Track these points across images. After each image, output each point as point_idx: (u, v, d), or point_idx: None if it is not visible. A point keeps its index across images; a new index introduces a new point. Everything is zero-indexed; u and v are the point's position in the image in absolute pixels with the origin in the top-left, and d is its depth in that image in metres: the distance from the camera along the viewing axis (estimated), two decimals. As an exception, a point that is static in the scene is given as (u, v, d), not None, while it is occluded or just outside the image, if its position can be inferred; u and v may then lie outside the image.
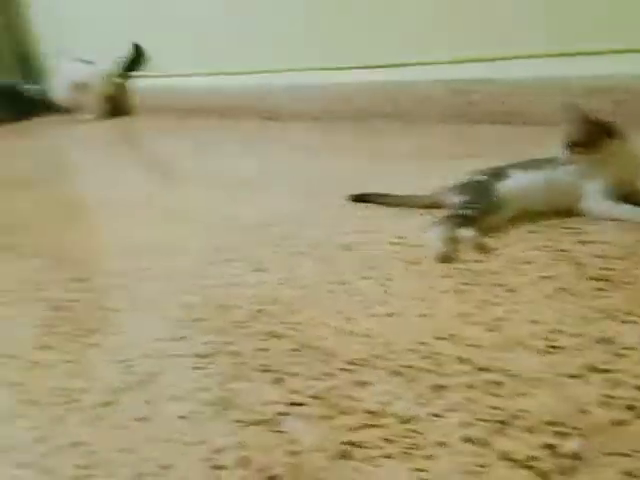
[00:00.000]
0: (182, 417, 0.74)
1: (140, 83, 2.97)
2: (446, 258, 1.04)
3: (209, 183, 1.69)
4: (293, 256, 1.15)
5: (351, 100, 2.23)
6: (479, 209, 1.11)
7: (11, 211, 1.67)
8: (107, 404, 0.78)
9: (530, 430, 0.63)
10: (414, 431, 0.65)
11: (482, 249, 1.05)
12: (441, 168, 1.53)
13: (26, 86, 3.42)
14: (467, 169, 1.25)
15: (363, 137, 1.96)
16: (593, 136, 1.10)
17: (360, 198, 1.36)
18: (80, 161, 2.36)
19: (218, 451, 0.67)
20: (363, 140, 1.92)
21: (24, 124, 3.26)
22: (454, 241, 1.08)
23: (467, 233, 1.08)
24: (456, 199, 1.17)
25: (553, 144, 1.13)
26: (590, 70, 1.70)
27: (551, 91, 1.76)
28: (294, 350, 0.84)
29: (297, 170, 1.68)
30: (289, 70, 2.38)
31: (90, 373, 0.86)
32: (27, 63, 3.41)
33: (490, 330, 0.82)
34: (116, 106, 3.05)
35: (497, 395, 0.69)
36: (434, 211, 1.24)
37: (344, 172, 1.60)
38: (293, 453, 0.65)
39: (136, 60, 2.95)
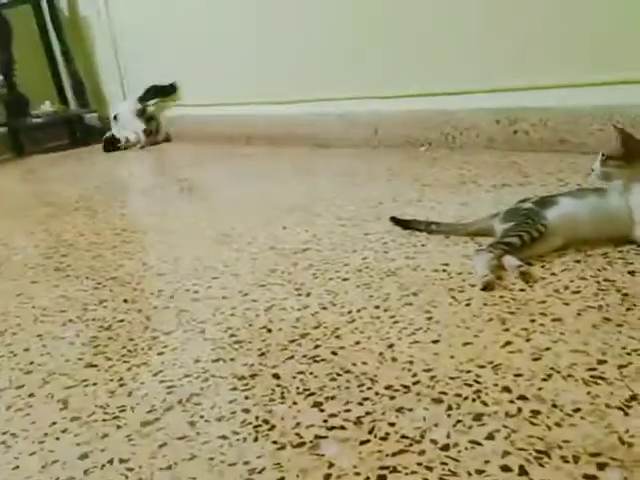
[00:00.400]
0: (222, 437, 0.75)
1: (188, 112, 3.06)
2: (490, 285, 1.03)
3: (256, 208, 1.71)
4: (336, 281, 1.15)
5: (397, 128, 2.24)
6: (525, 237, 1.10)
7: (63, 233, 1.73)
8: (150, 422, 0.80)
9: (570, 460, 0.61)
10: (452, 458, 0.64)
11: (528, 278, 1.04)
12: (486, 196, 1.52)
13: (85, 114, 3.57)
14: (512, 197, 1.24)
15: (409, 164, 1.97)
16: (631, 151, 1.09)
17: (404, 224, 1.36)
18: (131, 186, 2.44)
19: (256, 472, 0.68)
20: (409, 167, 1.93)
21: (82, 150, 3.39)
22: (499, 269, 1.07)
23: (513, 261, 1.07)
24: (502, 226, 1.16)
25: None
26: (637, 99, 1.67)
27: (598, 119, 1.73)
28: (335, 374, 0.84)
29: (343, 196, 1.69)
30: (338, 99, 2.42)
31: (134, 392, 0.88)
32: (85, 93, 3.56)
33: (534, 359, 0.80)
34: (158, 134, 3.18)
35: (537, 424, 0.67)
36: (479, 238, 1.23)
37: (389, 198, 1.61)
38: (330, 476, 0.65)
39: (169, 93, 3.11)
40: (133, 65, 3.38)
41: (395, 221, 1.38)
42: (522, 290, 1.00)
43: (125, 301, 1.22)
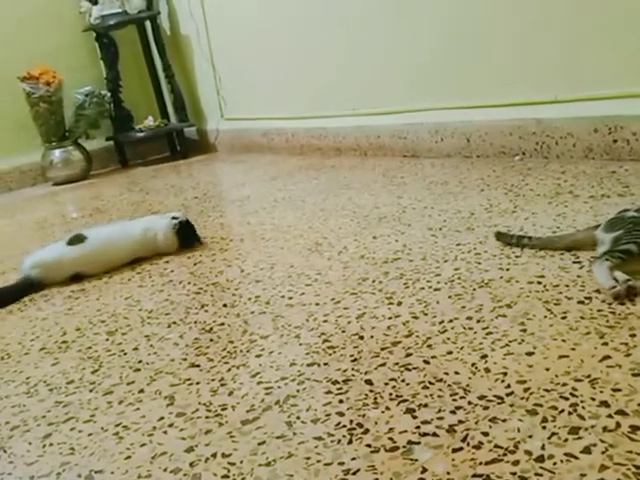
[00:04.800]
0: (318, 438, 0.78)
1: (278, 125, 3.15)
2: (621, 296, 0.99)
3: (347, 218, 1.75)
4: (428, 291, 1.16)
5: (490, 137, 2.21)
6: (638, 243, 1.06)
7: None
8: (250, 421, 0.84)
9: (675, 480, 0.60)
10: (547, 470, 0.64)
11: (635, 292, 1.00)
12: (583, 207, 1.48)
13: (184, 128, 3.75)
14: (611, 208, 1.21)
15: (502, 174, 1.94)
16: None
17: (504, 239, 1.33)
18: (228, 196, 2.53)
19: (351, 473, 0.70)
20: (502, 177, 1.90)
21: (181, 162, 3.57)
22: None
23: (620, 276, 1.02)
24: (609, 235, 1.12)
25: None
26: None
27: None
28: (427, 382, 0.86)
29: (434, 206, 1.70)
30: (429, 109, 2.42)
31: (235, 392, 0.93)
32: (185, 108, 3.74)
33: (634, 375, 0.78)
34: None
35: (637, 440, 0.66)
36: (576, 251, 1.21)
37: (482, 209, 1.59)
38: (423, 481, 0.66)
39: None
40: (229, 82, 3.52)
41: (497, 235, 1.35)
42: (621, 304, 0.98)
43: (225, 306, 1.28)
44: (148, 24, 3.69)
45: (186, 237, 1.71)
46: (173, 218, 1.69)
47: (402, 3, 2.39)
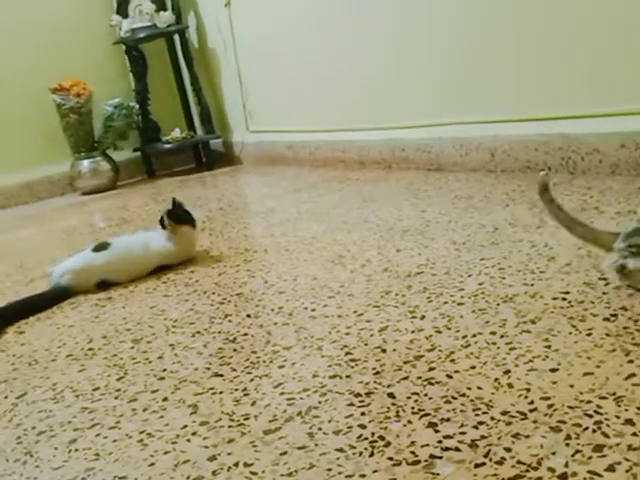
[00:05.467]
0: (339, 450, 0.78)
1: (302, 138, 3.18)
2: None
3: (370, 231, 1.75)
4: (451, 305, 1.16)
5: (515, 152, 2.21)
6: None
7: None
8: (272, 431, 0.85)
9: (702, 501, 0.59)
10: (571, 487, 0.64)
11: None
12: (609, 223, 1.46)
13: (210, 140, 3.79)
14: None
15: (527, 189, 1.93)
16: None
17: (544, 193, 1.28)
18: (252, 208, 2.56)
19: (372, 485, 0.70)
20: (527, 192, 1.89)
21: (206, 174, 3.61)
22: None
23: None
24: (623, 244, 1.12)
25: None
26: None
27: None
28: (450, 397, 0.86)
29: (458, 220, 1.69)
30: (454, 123, 2.42)
31: (257, 402, 0.94)
32: (211, 120, 3.79)
33: (660, 393, 0.78)
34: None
35: (664, 460, 0.65)
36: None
37: (506, 224, 1.59)
38: (445, 495, 0.66)
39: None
40: (255, 95, 3.56)
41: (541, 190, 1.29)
42: (648, 321, 0.97)
43: (248, 316, 1.29)
44: (177, 38, 3.75)
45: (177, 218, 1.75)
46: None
47: (427, 19, 2.41)
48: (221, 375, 1.04)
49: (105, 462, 0.85)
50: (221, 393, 0.98)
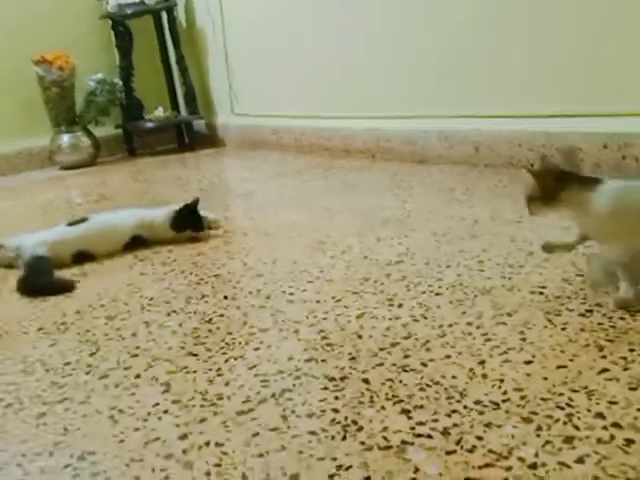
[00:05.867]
0: (312, 433, 0.78)
1: (289, 123, 3.16)
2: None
3: (352, 218, 1.75)
4: (429, 295, 1.16)
5: (499, 148, 2.21)
6: None
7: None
8: (245, 412, 0.85)
9: (667, 494, 0.60)
10: (539, 477, 0.64)
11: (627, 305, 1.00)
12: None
13: (194, 121, 3.75)
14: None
15: (509, 184, 1.94)
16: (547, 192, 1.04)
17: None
18: (234, 190, 2.54)
19: (343, 468, 0.70)
20: (509, 188, 1.90)
21: (188, 155, 3.57)
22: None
23: (627, 292, 1.02)
24: None
25: None
26: None
27: None
28: (424, 385, 0.86)
29: (439, 212, 1.70)
30: (440, 116, 2.42)
31: (231, 382, 0.93)
32: (196, 101, 3.74)
33: (631, 389, 0.78)
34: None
35: (631, 453, 0.66)
36: (580, 264, 1.21)
37: (487, 217, 1.59)
38: (415, 481, 0.66)
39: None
40: (241, 77, 3.52)
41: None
42: (622, 319, 0.98)
43: (225, 297, 1.28)
44: (165, 15, 3.69)
45: (183, 223, 1.69)
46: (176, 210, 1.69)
47: (415, 10, 2.40)
48: (195, 355, 1.04)
49: (74, 437, 0.84)
50: (195, 372, 0.97)
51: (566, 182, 1.03)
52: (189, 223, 1.69)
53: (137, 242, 1.68)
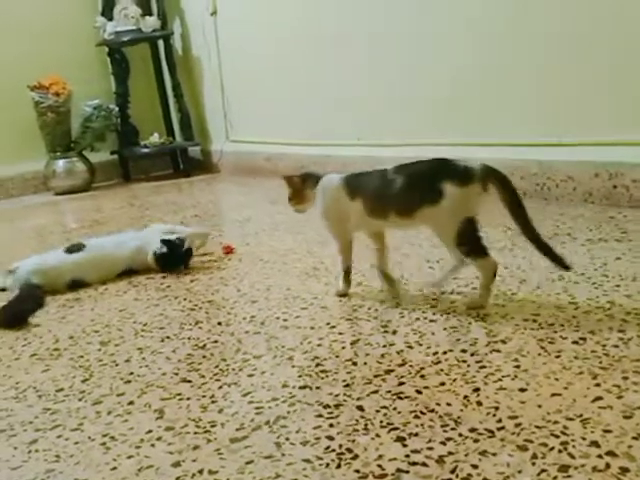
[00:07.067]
0: (306, 460, 0.77)
1: (286, 150, 3.18)
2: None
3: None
4: (423, 322, 1.17)
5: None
6: None
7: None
8: (238, 439, 0.84)
9: (663, 523, 0.59)
10: (536, 506, 0.64)
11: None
12: (581, 249, 1.49)
13: (189, 147, 3.77)
14: (608, 253, 1.22)
15: (501, 212, 1.95)
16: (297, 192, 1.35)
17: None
18: (228, 217, 2.54)
19: (338, 497, 0.70)
20: (501, 215, 1.91)
21: (183, 181, 3.58)
22: None
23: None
24: None
25: None
26: None
27: None
28: (419, 412, 0.86)
29: (432, 239, 1.70)
30: (433, 144, 2.44)
31: (225, 409, 0.93)
32: (191, 127, 3.77)
33: (625, 417, 0.79)
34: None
35: (626, 482, 0.66)
36: (573, 291, 1.21)
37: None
38: (411, 510, 0.66)
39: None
40: (236, 104, 3.56)
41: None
42: (615, 346, 0.98)
43: (219, 324, 1.28)
44: (161, 43, 3.74)
45: (169, 263, 1.68)
46: (162, 241, 1.67)
47: (414, 41, 2.44)
48: (189, 381, 1.03)
49: (66, 464, 0.83)
50: (188, 399, 0.97)
51: (307, 183, 1.35)
52: (174, 262, 1.68)
53: (131, 271, 1.69)
